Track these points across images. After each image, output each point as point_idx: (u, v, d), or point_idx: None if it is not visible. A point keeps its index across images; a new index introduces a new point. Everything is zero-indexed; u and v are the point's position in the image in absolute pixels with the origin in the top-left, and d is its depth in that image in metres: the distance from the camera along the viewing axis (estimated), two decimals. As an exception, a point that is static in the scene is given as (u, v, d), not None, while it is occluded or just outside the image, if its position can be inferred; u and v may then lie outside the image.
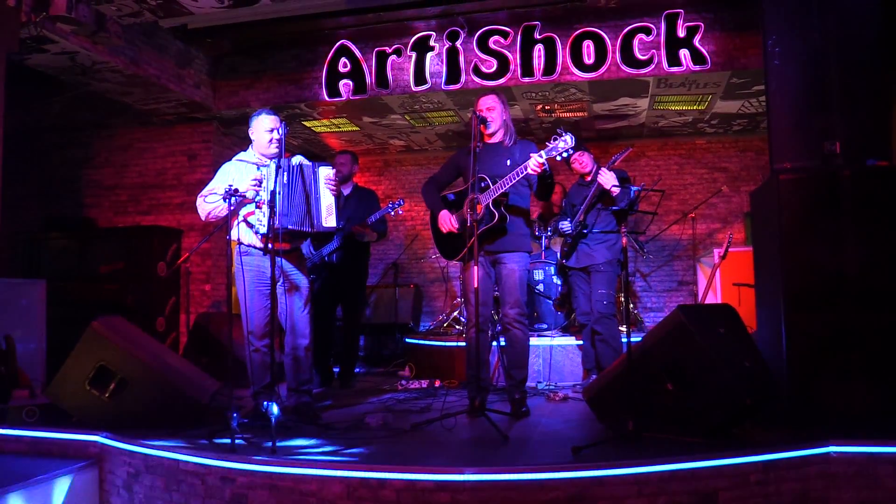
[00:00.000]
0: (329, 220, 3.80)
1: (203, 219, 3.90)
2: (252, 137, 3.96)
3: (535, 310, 6.04)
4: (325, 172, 3.83)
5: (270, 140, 3.84)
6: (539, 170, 3.66)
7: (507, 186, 3.81)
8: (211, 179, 3.93)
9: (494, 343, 5.03)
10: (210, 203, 3.79)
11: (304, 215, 3.74)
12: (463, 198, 4.02)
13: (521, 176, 3.74)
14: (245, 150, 4.02)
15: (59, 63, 5.79)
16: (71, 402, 3.75)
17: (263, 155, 3.90)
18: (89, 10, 5.37)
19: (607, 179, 4.58)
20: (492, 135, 4.07)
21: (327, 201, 3.81)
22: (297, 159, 3.87)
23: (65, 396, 3.76)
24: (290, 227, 3.67)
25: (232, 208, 3.70)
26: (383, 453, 3.11)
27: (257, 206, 3.72)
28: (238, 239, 3.88)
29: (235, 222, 3.87)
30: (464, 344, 4.10)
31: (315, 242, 5.31)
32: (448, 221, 4.03)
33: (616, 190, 4.56)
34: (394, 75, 6.58)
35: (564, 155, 3.57)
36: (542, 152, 3.65)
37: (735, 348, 3.27)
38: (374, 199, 5.65)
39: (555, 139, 3.63)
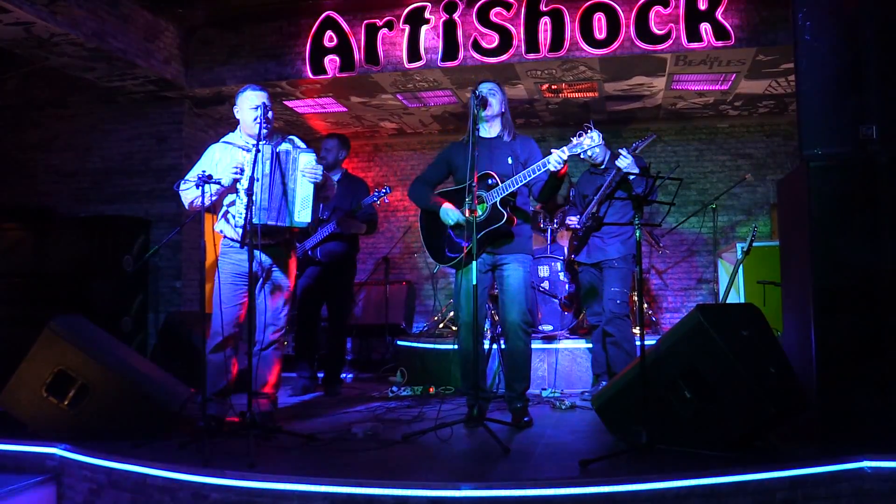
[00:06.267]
0: (303, 214, 3.74)
1: (187, 208, 3.88)
2: (237, 117, 3.93)
3: (540, 310, 6.04)
4: (305, 159, 3.76)
5: (255, 119, 3.68)
6: (559, 167, 3.67)
7: (520, 184, 3.81)
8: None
9: (490, 346, 5.04)
10: (184, 190, 3.78)
11: (281, 209, 3.70)
12: (462, 195, 3.98)
13: (539, 173, 3.74)
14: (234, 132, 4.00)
15: (13, 34, 5.74)
16: (26, 411, 3.74)
17: (250, 136, 3.84)
18: (46, -25, 5.34)
19: (627, 164, 4.55)
20: (490, 124, 4.06)
21: (303, 192, 3.74)
22: (286, 145, 3.82)
23: (19, 404, 3.75)
24: (268, 222, 3.64)
25: (214, 198, 3.68)
26: (372, 467, 3.11)
27: (237, 196, 3.70)
28: (221, 231, 3.86)
29: (220, 213, 3.85)
30: (461, 347, 4.10)
31: (299, 235, 5.29)
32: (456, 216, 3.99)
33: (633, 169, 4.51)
34: (385, 50, 6.56)
35: (590, 154, 3.54)
36: (565, 148, 3.65)
37: (759, 352, 3.28)
38: (363, 187, 5.64)
39: (580, 135, 3.64)
